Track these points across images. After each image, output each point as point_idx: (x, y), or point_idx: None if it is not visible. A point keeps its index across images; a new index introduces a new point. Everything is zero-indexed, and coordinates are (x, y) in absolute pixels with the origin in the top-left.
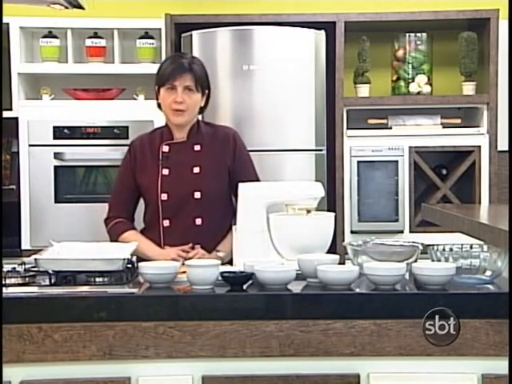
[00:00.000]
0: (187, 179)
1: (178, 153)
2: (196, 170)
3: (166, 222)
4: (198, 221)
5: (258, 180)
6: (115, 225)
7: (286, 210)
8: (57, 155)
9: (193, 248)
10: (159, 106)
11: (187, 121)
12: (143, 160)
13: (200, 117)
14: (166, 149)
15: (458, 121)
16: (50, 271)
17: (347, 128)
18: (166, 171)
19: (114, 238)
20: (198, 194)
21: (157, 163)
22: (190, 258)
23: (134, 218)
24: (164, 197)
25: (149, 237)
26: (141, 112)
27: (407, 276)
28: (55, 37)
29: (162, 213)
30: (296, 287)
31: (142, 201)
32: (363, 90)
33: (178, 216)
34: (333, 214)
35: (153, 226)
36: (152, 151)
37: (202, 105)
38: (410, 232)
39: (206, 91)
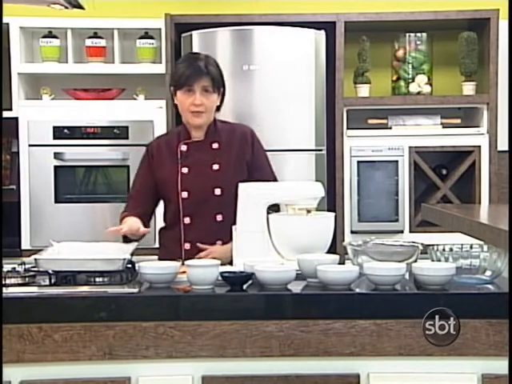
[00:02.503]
0: (207, 176)
1: (196, 151)
2: (215, 167)
3: (187, 220)
4: (219, 217)
5: (274, 178)
6: (121, 216)
7: (286, 210)
8: (57, 155)
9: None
10: (176, 106)
11: (206, 122)
12: (161, 159)
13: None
14: (184, 148)
15: (458, 121)
16: (50, 271)
17: (347, 128)
18: (185, 169)
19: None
20: (218, 191)
21: (175, 162)
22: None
23: (151, 217)
24: (184, 195)
25: (170, 234)
26: (141, 112)
27: (407, 276)
28: (55, 37)
29: (182, 210)
30: (296, 287)
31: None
32: (363, 90)
33: (199, 213)
34: (333, 214)
35: (174, 223)
36: (170, 151)
37: (218, 103)
38: (410, 232)
39: (221, 89)
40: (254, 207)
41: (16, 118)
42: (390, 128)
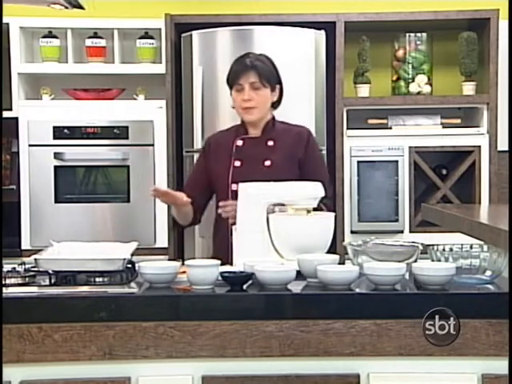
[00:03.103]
0: (258, 171)
1: (251, 147)
2: (267, 163)
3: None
4: None
5: (327, 182)
6: None
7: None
8: (57, 155)
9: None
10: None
11: (259, 117)
12: (216, 152)
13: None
14: (240, 143)
15: (458, 121)
16: (50, 271)
17: (347, 128)
18: (237, 163)
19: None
20: None
21: (229, 155)
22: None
23: (203, 211)
24: (234, 187)
25: (220, 228)
26: (141, 112)
27: (407, 276)
28: (55, 37)
29: None
30: (296, 287)
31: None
32: (363, 90)
33: None
34: (333, 214)
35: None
36: (226, 145)
37: (275, 99)
38: (410, 232)
39: (277, 86)
40: (254, 207)
41: (16, 118)
42: (390, 128)
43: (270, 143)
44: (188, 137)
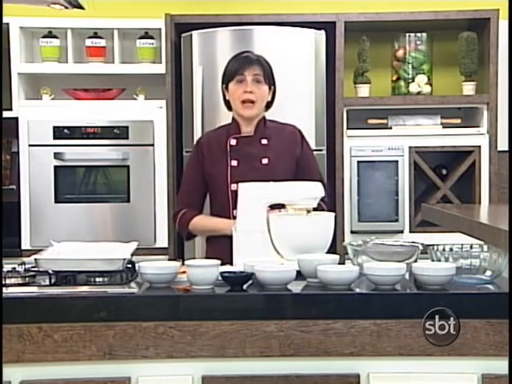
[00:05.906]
0: (257, 170)
1: (246, 146)
2: (265, 161)
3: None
4: None
5: (320, 179)
6: (183, 215)
7: (286, 209)
8: (57, 155)
9: None
10: (227, 104)
11: (257, 113)
12: (211, 153)
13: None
14: (233, 142)
15: (458, 121)
16: (50, 271)
17: (347, 128)
18: (234, 162)
19: (185, 225)
20: None
21: (225, 155)
22: None
23: (203, 210)
24: (234, 187)
25: None
26: (141, 112)
27: (407, 276)
28: (55, 37)
29: (231, 203)
30: (296, 287)
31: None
32: (363, 90)
33: None
34: (333, 214)
35: (221, 217)
36: (219, 145)
37: (269, 99)
38: (410, 232)
39: (272, 87)
40: (254, 207)
41: (16, 118)
42: (390, 128)
43: (264, 141)
44: (188, 137)
